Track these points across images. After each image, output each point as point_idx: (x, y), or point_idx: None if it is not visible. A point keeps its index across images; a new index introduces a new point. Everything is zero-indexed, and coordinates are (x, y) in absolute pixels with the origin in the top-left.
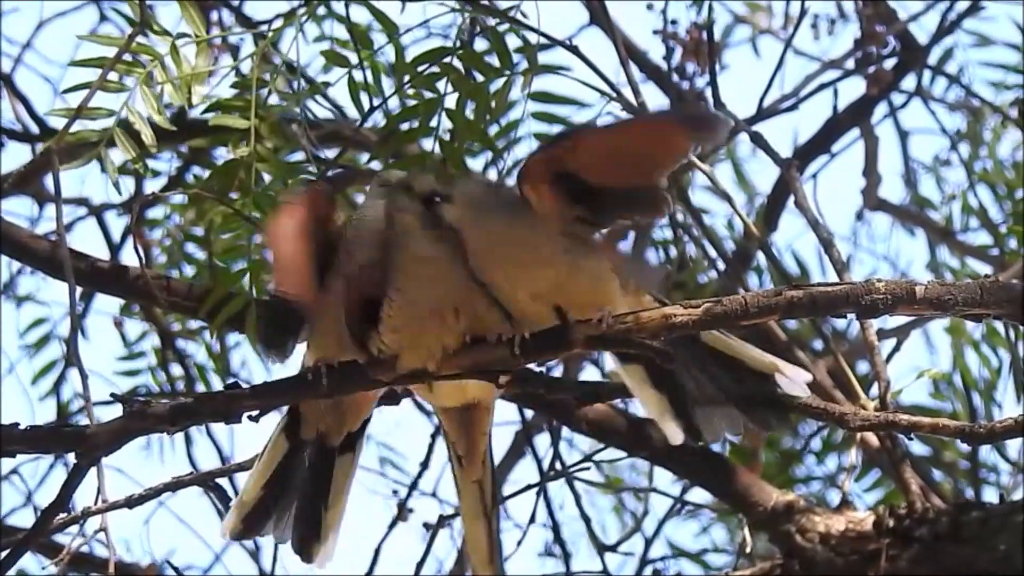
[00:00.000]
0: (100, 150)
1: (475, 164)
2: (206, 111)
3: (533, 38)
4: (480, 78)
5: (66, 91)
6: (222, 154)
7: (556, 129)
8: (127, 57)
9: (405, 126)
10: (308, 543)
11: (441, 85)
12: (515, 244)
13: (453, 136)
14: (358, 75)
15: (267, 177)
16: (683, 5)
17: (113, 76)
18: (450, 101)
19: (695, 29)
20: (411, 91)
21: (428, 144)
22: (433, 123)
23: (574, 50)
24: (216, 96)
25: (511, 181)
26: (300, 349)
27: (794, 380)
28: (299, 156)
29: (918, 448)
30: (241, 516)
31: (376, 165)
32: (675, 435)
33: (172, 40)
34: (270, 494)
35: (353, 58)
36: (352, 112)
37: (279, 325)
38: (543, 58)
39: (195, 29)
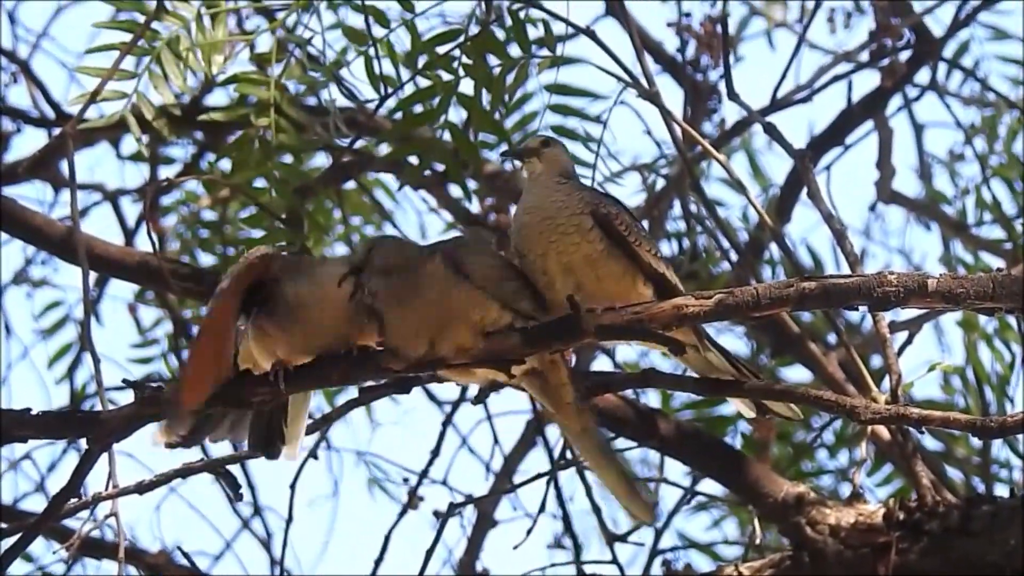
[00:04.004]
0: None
1: (489, 155)
2: (225, 83)
3: (553, 27)
4: (496, 68)
5: (78, 70)
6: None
7: (572, 122)
8: (142, 43)
9: (418, 109)
10: (272, 444)
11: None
12: (559, 218)
13: (467, 126)
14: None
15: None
16: None
17: (128, 65)
18: (465, 88)
19: (709, 22)
20: (426, 73)
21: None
22: (446, 111)
23: (592, 35)
24: (235, 71)
25: None
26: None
27: None
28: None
29: (931, 444)
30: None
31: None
32: None
33: (197, 9)
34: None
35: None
36: (368, 95)
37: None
38: (560, 51)
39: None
